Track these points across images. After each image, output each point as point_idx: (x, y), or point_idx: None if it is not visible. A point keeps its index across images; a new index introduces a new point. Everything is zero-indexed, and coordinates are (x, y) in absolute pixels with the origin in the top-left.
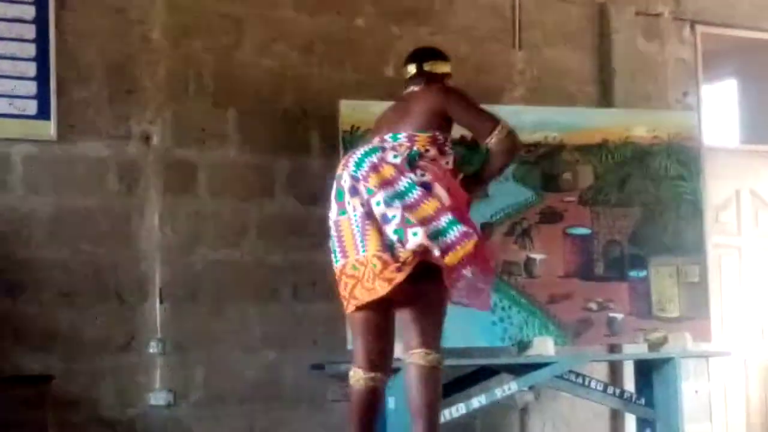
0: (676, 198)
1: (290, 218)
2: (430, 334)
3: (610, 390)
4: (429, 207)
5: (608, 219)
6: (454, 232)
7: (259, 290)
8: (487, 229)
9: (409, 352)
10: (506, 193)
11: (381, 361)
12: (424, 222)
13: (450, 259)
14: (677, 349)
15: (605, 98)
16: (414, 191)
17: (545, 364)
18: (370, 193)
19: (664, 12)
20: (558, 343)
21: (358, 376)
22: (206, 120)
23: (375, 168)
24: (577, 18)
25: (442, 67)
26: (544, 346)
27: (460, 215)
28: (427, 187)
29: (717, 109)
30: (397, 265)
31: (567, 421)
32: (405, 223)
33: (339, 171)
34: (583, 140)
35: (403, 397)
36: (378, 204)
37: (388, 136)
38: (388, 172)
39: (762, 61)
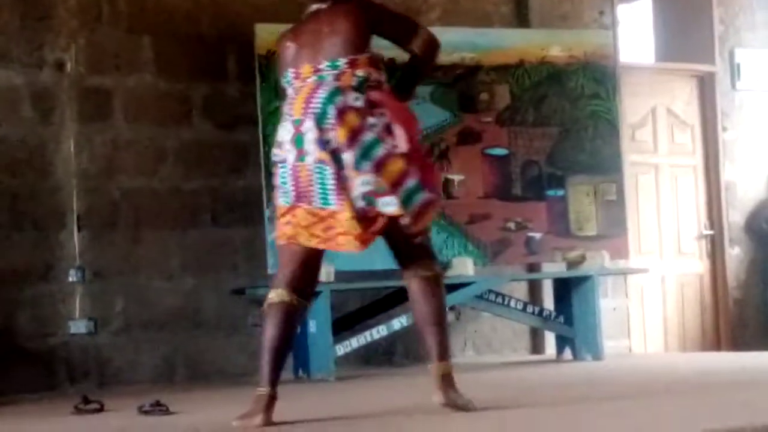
0: (593, 117)
1: (208, 144)
2: (424, 249)
3: (530, 309)
4: (395, 166)
5: (526, 139)
6: (420, 199)
7: (178, 217)
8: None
9: (408, 271)
10: (423, 115)
11: (304, 287)
12: (394, 186)
13: (417, 228)
14: (595, 267)
15: (521, 18)
16: (379, 147)
17: (465, 284)
18: (341, 148)
19: None
20: (477, 264)
21: (279, 293)
22: (121, 46)
23: (341, 116)
24: None
25: None
26: (464, 267)
27: (421, 166)
28: (389, 130)
29: (632, 28)
30: (373, 229)
31: (488, 340)
32: (377, 191)
33: (296, 115)
34: (499, 61)
35: (325, 321)
36: (347, 163)
37: (324, 64)
38: (352, 120)
39: None
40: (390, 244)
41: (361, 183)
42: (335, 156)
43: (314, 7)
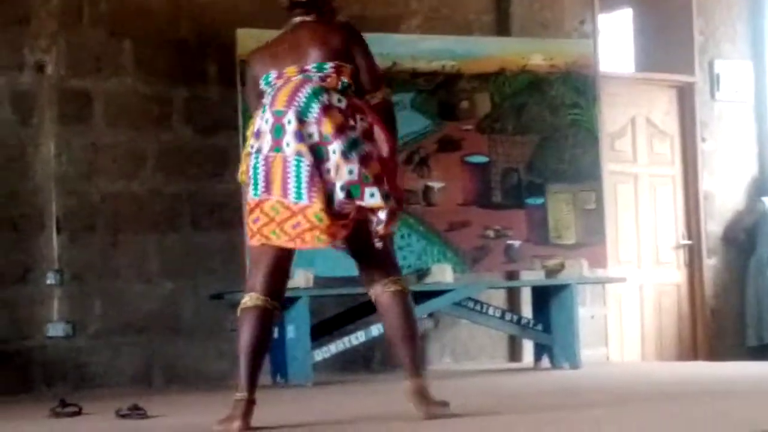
0: (573, 126)
1: (188, 148)
2: (389, 263)
3: (508, 316)
4: (375, 167)
5: (506, 147)
6: (393, 202)
7: (157, 220)
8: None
9: (375, 285)
10: (404, 122)
11: (276, 290)
12: (378, 180)
13: (386, 230)
14: (574, 275)
15: (503, 27)
16: (363, 144)
17: (444, 292)
18: (327, 139)
19: None
20: (456, 271)
21: (253, 298)
22: (102, 49)
23: (325, 112)
24: None
25: None
26: (443, 274)
27: (391, 177)
28: (369, 135)
29: (613, 38)
30: (344, 222)
31: (466, 347)
32: (363, 180)
33: (278, 106)
34: (480, 69)
35: (304, 326)
36: (334, 152)
37: (311, 65)
38: (337, 117)
39: None
40: (355, 255)
41: (347, 171)
42: (315, 150)
43: (298, 19)
